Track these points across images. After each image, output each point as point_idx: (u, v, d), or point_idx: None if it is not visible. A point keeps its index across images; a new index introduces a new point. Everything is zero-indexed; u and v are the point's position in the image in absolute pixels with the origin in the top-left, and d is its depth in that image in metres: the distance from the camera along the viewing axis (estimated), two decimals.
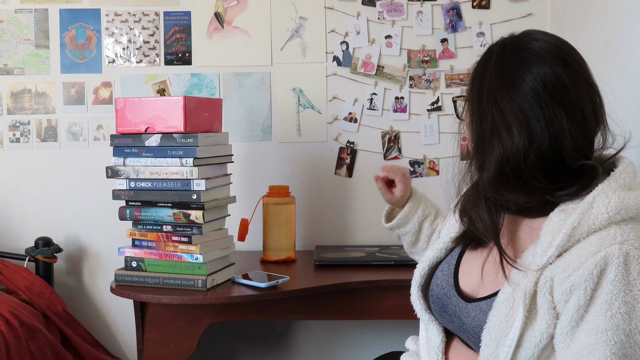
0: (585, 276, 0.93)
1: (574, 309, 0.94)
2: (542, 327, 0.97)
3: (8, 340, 1.78)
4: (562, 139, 1.00)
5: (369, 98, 2.33)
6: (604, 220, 0.96)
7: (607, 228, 0.96)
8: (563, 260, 0.97)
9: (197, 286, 1.74)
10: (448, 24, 2.32)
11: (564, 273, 0.96)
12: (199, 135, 1.71)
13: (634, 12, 1.69)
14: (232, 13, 2.34)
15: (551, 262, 0.98)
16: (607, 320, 0.92)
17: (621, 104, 1.14)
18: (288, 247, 2.13)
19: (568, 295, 0.95)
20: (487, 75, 1.07)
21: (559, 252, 0.97)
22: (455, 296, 1.13)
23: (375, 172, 2.36)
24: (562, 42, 1.07)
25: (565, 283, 0.95)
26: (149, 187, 1.76)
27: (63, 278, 2.38)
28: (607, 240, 0.95)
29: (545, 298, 0.97)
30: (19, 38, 2.33)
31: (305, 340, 2.42)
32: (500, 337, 0.99)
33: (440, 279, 1.19)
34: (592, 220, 0.97)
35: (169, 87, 2.34)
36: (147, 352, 1.81)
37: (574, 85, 1.02)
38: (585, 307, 0.94)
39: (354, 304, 1.89)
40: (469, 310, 1.09)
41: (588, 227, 0.97)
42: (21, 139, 2.34)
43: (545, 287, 0.98)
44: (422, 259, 1.28)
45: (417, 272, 1.26)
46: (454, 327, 1.14)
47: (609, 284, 0.92)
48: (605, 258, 0.93)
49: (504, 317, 1.00)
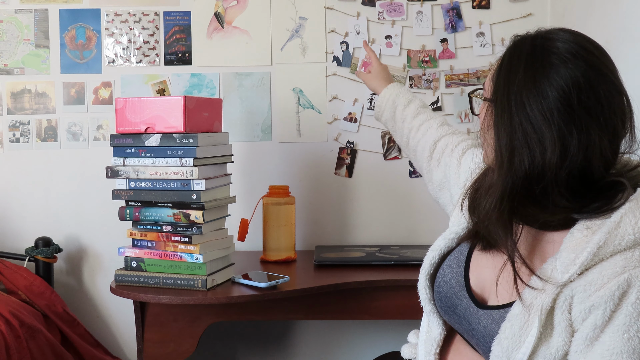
0: (607, 297, 0.91)
1: (591, 328, 0.93)
2: (559, 344, 0.95)
3: (8, 340, 1.78)
4: (593, 155, 0.96)
5: (369, 98, 2.33)
6: (630, 242, 0.94)
7: (632, 249, 0.94)
8: (585, 279, 0.95)
9: (197, 286, 1.74)
10: (448, 24, 2.32)
11: (585, 292, 0.94)
12: (199, 135, 1.71)
13: (634, 12, 1.69)
14: (232, 13, 2.34)
15: (572, 279, 0.95)
16: (623, 342, 0.90)
17: None
18: (288, 247, 2.13)
19: (586, 315, 0.93)
20: (515, 79, 1.00)
21: (581, 271, 0.95)
22: (467, 298, 1.10)
23: (376, 173, 2.39)
24: (595, 47, 1.01)
25: (586, 302, 0.93)
26: (149, 187, 1.76)
27: (63, 278, 2.38)
28: (632, 262, 0.93)
29: (564, 316, 0.95)
30: (19, 38, 2.33)
31: (305, 340, 2.42)
32: (512, 350, 0.97)
33: (449, 276, 1.16)
34: (619, 241, 0.94)
35: (169, 87, 2.34)
36: (147, 352, 1.81)
37: (607, 96, 0.97)
38: (602, 327, 0.92)
39: (354, 304, 1.89)
40: (480, 317, 1.06)
41: (614, 247, 0.94)
42: (21, 139, 2.34)
43: (564, 304, 0.95)
44: (432, 248, 1.24)
45: (427, 261, 1.22)
46: (462, 329, 1.12)
47: (629, 306, 0.91)
48: (628, 280, 0.91)
49: (517, 331, 0.97)
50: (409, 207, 2.35)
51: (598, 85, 0.96)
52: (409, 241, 2.34)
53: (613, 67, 1.01)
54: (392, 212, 2.36)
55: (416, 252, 2.11)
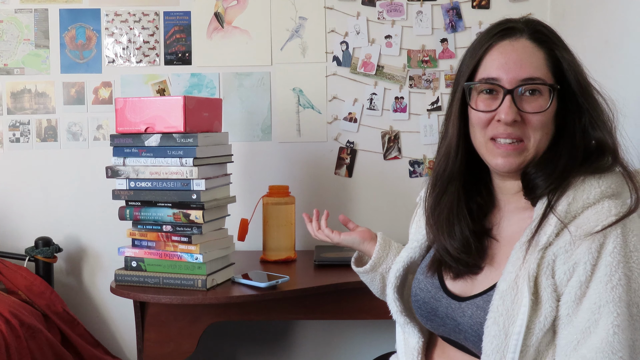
0: (586, 252, 0.94)
1: (577, 286, 0.94)
2: (547, 311, 0.96)
3: (8, 340, 1.78)
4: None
5: (369, 98, 2.33)
6: (597, 194, 0.98)
7: (601, 202, 0.98)
8: (563, 239, 0.97)
9: (197, 286, 1.74)
10: (448, 24, 2.32)
11: (566, 253, 0.96)
12: (198, 135, 1.71)
13: (634, 12, 1.69)
14: (232, 13, 2.34)
15: (551, 241, 0.98)
16: (607, 292, 0.92)
17: (620, 104, 1.14)
18: (288, 247, 2.13)
19: (570, 274, 0.95)
20: (461, 67, 1.24)
21: (557, 231, 0.98)
22: (445, 298, 1.11)
23: (375, 173, 2.39)
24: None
25: (568, 262, 0.96)
26: (149, 187, 1.76)
27: (63, 278, 2.38)
28: (603, 214, 0.96)
29: (549, 281, 0.97)
30: (19, 38, 2.33)
31: (305, 340, 2.42)
32: (509, 325, 0.97)
33: (424, 282, 1.16)
34: (586, 195, 0.99)
35: (169, 87, 2.34)
36: (147, 352, 1.81)
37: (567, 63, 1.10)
38: (587, 282, 0.94)
39: (354, 304, 1.89)
40: (463, 309, 1.07)
41: (583, 202, 0.98)
42: (21, 139, 2.34)
43: (548, 269, 0.97)
44: (396, 260, 1.26)
45: (392, 274, 1.25)
46: (447, 330, 1.12)
47: (608, 256, 0.93)
48: (603, 233, 0.94)
49: (510, 305, 0.98)
50: (409, 207, 2.34)
51: None
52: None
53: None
54: (392, 212, 2.36)
55: None
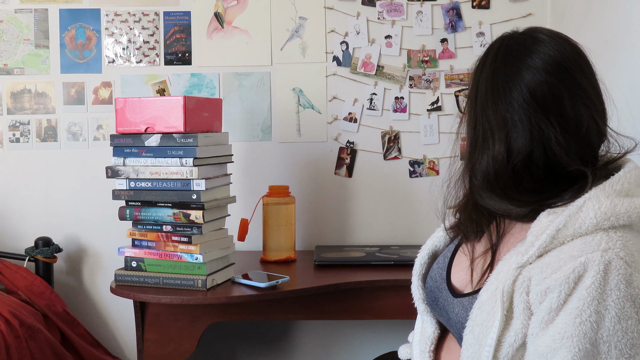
0: (562, 280, 0.90)
1: (546, 311, 0.91)
2: (517, 327, 0.95)
3: (8, 340, 1.78)
4: (551, 148, 0.99)
5: (369, 98, 2.33)
6: (591, 226, 0.93)
7: (593, 234, 0.93)
8: (542, 262, 0.94)
9: (197, 286, 1.74)
10: (448, 24, 2.32)
11: (541, 274, 0.93)
12: (198, 135, 1.71)
13: (634, 12, 1.69)
14: (232, 13, 2.34)
15: (531, 262, 0.95)
16: (575, 326, 0.88)
17: (621, 104, 1.14)
18: (288, 247, 2.13)
19: (543, 297, 0.92)
20: (481, 77, 1.06)
21: (540, 253, 0.95)
22: (446, 290, 1.13)
23: (375, 173, 2.38)
24: (569, 47, 1.05)
25: (542, 285, 0.92)
26: (149, 187, 1.76)
27: (63, 278, 2.38)
28: (591, 246, 0.91)
29: (522, 298, 0.95)
30: (19, 38, 2.33)
31: (305, 340, 2.42)
32: (483, 336, 0.97)
33: (435, 271, 1.20)
34: (579, 224, 0.93)
35: (169, 87, 2.34)
36: (147, 352, 1.81)
37: (571, 97, 1.00)
38: (557, 310, 0.91)
39: (354, 304, 1.89)
40: (454, 305, 1.09)
41: (574, 231, 0.94)
42: (21, 139, 2.34)
43: (522, 286, 0.95)
44: (422, 248, 1.29)
45: (418, 261, 1.27)
46: (444, 321, 1.15)
47: (584, 290, 0.89)
48: (584, 264, 0.89)
49: (486, 317, 0.98)
50: (409, 207, 2.36)
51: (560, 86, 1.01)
52: (409, 241, 2.34)
53: (588, 67, 1.06)
54: (392, 212, 2.36)
55: (416, 252, 2.05)
